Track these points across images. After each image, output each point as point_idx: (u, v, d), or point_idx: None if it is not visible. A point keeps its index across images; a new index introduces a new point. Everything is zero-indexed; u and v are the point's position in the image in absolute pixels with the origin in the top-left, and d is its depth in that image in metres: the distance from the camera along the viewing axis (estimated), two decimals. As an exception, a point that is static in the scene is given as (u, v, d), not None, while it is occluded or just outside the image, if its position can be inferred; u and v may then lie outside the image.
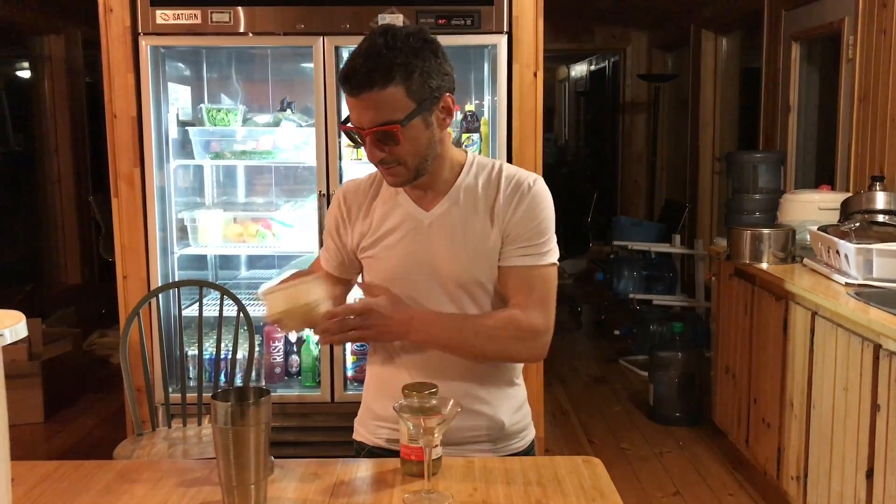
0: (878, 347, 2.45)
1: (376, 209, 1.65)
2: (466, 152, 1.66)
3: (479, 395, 1.62)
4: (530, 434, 1.75)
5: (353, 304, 1.53)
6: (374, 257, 1.64)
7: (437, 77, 1.50)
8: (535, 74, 3.27)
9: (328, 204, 2.63)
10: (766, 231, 3.47)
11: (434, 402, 1.39)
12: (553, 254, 1.61)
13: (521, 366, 1.72)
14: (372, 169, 1.63)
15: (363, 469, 1.51)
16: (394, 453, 1.63)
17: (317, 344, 3.58)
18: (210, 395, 1.46)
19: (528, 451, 1.73)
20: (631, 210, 8.14)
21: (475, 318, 1.58)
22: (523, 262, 1.58)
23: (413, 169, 1.54)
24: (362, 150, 3.67)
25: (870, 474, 2.49)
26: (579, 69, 10.87)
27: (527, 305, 1.57)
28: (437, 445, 1.43)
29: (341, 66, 1.50)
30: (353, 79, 1.45)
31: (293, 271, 1.83)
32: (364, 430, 1.74)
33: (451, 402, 1.38)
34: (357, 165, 3.40)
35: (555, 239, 1.62)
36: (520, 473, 1.48)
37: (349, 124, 1.52)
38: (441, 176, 1.60)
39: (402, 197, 1.63)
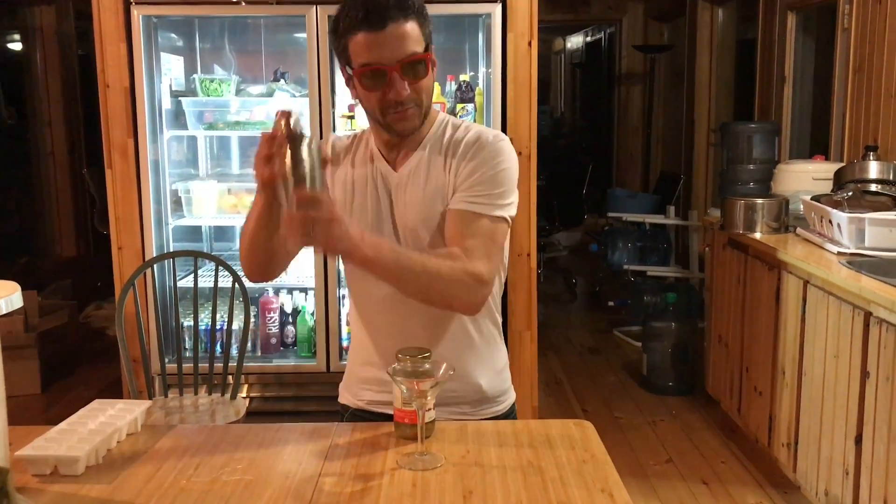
0: (868, 315, 2.47)
1: (353, 169, 1.65)
2: (439, 111, 1.67)
3: (458, 359, 1.59)
4: (510, 398, 1.75)
5: (317, 195, 1.35)
6: (344, 215, 1.63)
7: (431, 23, 1.54)
8: (530, 44, 3.26)
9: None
10: (759, 201, 3.48)
11: (427, 365, 1.41)
12: (505, 209, 1.55)
13: (499, 330, 1.73)
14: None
15: (357, 432, 1.53)
16: (375, 415, 1.67)
17: (311, 315, 3.59)
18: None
19: (509, 415, 1.74)
20: (626, 182, 8.14)
21: (424, 255, 1.51)
22: (470, 208, 1.53)
23: (425, 110, 1.56)
24: (356, 121, 3.65)
25: (858, 440, 2.52)
26: (575, 41, 10.81)
27: (470, 253, 1.50)
28: (430, 409, 1.44)
29: (346, 12, 1.48)
30: (376, 13, 1.45)
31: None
32: (347, 393, 1.77)
33: (444, 366, 1.39)
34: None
35: (513, 197, 1.57)
36: (512, 436, 1.50)
37: (366, 66, 1.48)
38: (420, 130, 1.60)
39: (376, 158, 1.64)
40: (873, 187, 3.15)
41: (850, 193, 3.10)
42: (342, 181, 1.66)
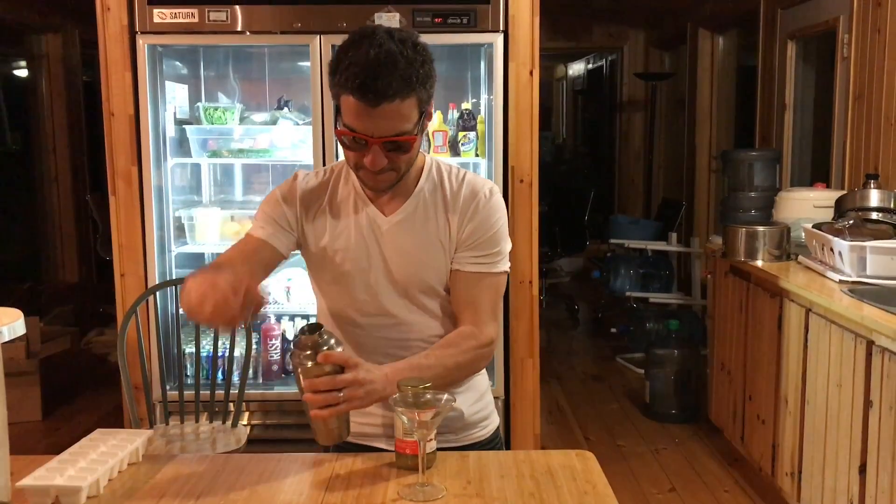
0: (870, 344, 2.47)
1: (332, 210, 1.63)
2: (425, 156, 1.66)
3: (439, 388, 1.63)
4: (493, 423, 1.76)
5: (337, 378, 1.39)
6: (329, 258, 1.63)
7: (434, 85, 1.51)
8: (532, 73, 3.28)
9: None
10: (761, 229, 3.48)
11: (428, 396, 1.41)
12: (504, 263, 1.64)
13: None
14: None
15: (358, 463, 1.52)
16: (358, 447, 1.66)
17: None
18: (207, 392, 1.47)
19: (493, 440, 1.75)
20: (628, 208, 8.16)
21: (441, 354, 1.55)
22: (475, 269, 1.60)
23: (401, 175, 1.55)
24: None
25: (863, 470, 2.51)
26: (577, 68, 10.88)
27: (479, 320, 1.60)
28: (431, 439, 1.44)
29: (341, 69, 1.43)
30: (372, 89, 1.40)
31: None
32: None
33: (445, 396, 1.39)
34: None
35: (507, 248, 1.65)
36: (513, 467, 1.49)
37: (349, 129, 1.47)
38: (405, 180, 1.60)
39: (361, 200, 1.62)
40: (874, 215, 3.16)
41: (852, 221, 3.11)
42: (324, 221, 1.63)
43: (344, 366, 1.40)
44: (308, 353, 1.40)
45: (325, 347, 1.40)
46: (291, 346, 1.42)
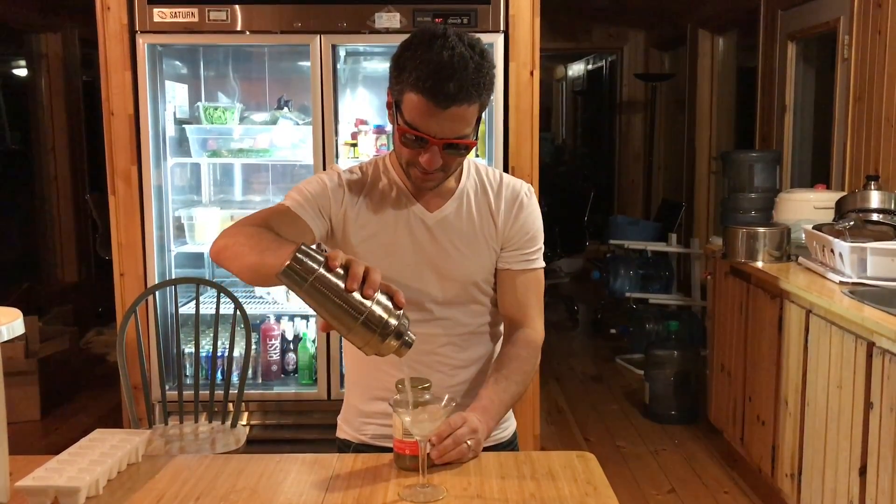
0: (871, 345, 2.46)
1: (375, 205, 1.63)
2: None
3: (460, 390, 1.67)
4: (511, 425, 1.79)
5: (455, 429, 1.46)
6: (370, 252, 1.61)
7: (493, 91, 1.53)
8: (532, 73, 3.28)
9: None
10: (761, 230, 3.48)
11: (427, 396, 1.40)
12: (542, 259, 1.71)
13: None
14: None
15: (359, 463, 1.52)
16: (379, 449, 1.66)
17: (313, 342, 3.59)
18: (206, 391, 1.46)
19: (511, 441, 1.77)
20: (628, 209, 8.16)
21: (509, 368, 1.62)
22: (521, 267, 1.67)
23: (450, 175, 1.58)
24: (359, 148, 3.67)
25: (863, 471, 2.51)
26: (577, 68, 10.88)
27: (529, 319, 1.68)
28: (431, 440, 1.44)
29: (412, 67, 1.42)
30: (444, 91, 1.40)
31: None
32: (349, 428, 1.75)
33: (447, 398, 1.39)
34: (354, 164, 3.40)
35: (542, 245, 1.73)
36: (514, 468, 1.49)
37: (411, 128, 1.46)
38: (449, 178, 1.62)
39: (404, 196, 1.63)
40: (875, 217, 3.15)
41: (852, 223, 3.10)
42: (367, 217, 1.62)
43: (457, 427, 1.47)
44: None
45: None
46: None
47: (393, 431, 1.48)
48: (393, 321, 1.24)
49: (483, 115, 1.54)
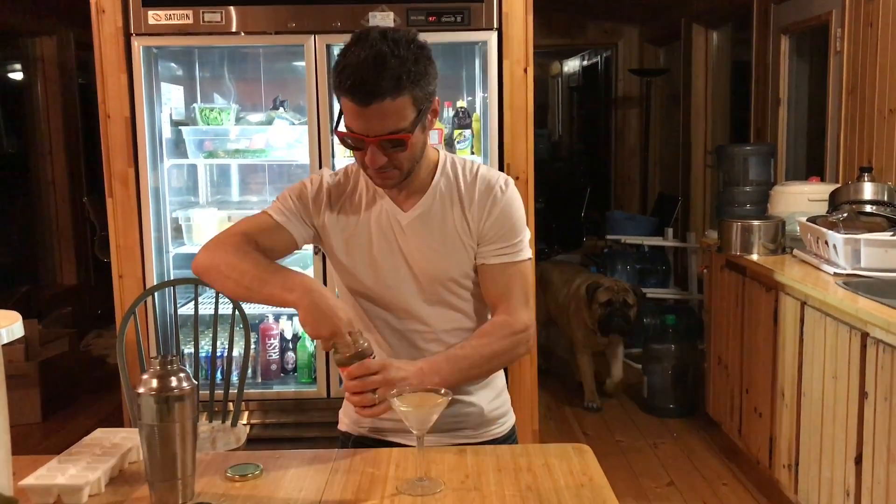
0: (865, 336, 2.48)
1: (353, 207, 1.66)
2: (438, 151, 1.69)
3: (458, 385, 1.65)
4: (510, 420, 1.79)
5: (367, 363, 1.46)
6: (350, 255, 1.66)
7: (432, 82, 1.52)
8: (526, 70, 3.29)
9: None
10: (756, 223, 3.50)
11: (363, 342, 1.46)
12: (527, 250, 1.68)
13: None
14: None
15: (357, 459, 1.54)
16: (378, 441, 1.69)
17: (312, 340, 3.60)
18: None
19: (510, 436, 1.78)
20: (624, 204, 8.16)
21: (477, 344, 1.61)
22: (500, 261, 1.64)
23: (406, 172, 1.57)
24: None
25: (859, 461, 2.53)
26: (572, 64, 10.89)
27: (511, 308, 1.63)
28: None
29: (337, 71, 1.46)
30: (362, 89, 1.43)
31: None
32: (347, 420, 1.78)
33: (443, 391, 1.41)
34: (350, 162, 3.42)
35: (528, 236, 1.70)
36: (510, 461, 1.51)
37: (347, 130, 1.51)
38: (418, 176, 1.62)
39: (380, 197, 1.65)
40: (868, 208, 3.17)
41: (846, 214, 3.12)
42: (346, 219, 1.66)
43: (376, 371, 1.46)
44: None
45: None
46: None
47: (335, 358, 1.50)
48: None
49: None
